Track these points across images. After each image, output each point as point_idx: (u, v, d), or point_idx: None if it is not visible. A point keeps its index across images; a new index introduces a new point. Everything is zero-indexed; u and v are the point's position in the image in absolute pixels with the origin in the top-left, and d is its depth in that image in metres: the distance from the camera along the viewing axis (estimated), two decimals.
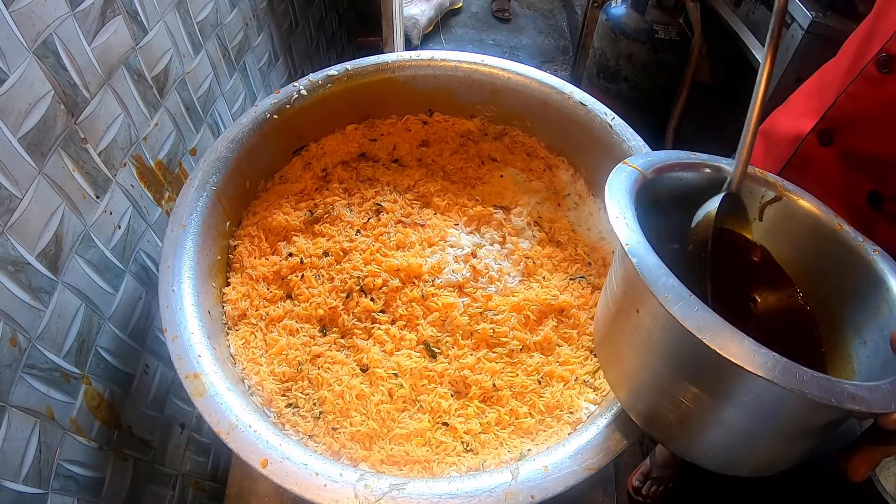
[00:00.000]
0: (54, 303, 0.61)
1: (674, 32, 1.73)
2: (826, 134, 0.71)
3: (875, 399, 0.38)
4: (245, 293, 0.77)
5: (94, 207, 0.67)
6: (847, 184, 0.69)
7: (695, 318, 0.40)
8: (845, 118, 0.70)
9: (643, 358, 0.50)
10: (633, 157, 0.57)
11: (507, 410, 0.67)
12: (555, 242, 0.83)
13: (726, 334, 0.39)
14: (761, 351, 0.38)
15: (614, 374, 0.57)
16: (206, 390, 0.59)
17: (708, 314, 0.40)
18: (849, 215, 0.62)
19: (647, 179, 0.55)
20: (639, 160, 0.56)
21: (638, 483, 1.43)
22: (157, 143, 0.81)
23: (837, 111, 0.70)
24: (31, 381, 0.58)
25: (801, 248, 0.59)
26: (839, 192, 0.70)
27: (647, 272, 0.43)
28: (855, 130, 0.69)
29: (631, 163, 0.55)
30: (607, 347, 0.57)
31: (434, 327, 0.73)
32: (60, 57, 0.61)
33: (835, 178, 0.70)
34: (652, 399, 0.52)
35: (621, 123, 0.82)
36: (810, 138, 0.73)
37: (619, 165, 0.55)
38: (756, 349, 0.38)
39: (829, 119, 0.71)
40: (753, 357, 0.38)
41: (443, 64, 0.94)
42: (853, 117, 0.69)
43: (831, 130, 0.71)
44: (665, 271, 0.43)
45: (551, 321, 0.74)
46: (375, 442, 0.65)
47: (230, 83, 1.04)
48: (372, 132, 0.97)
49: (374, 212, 0.85)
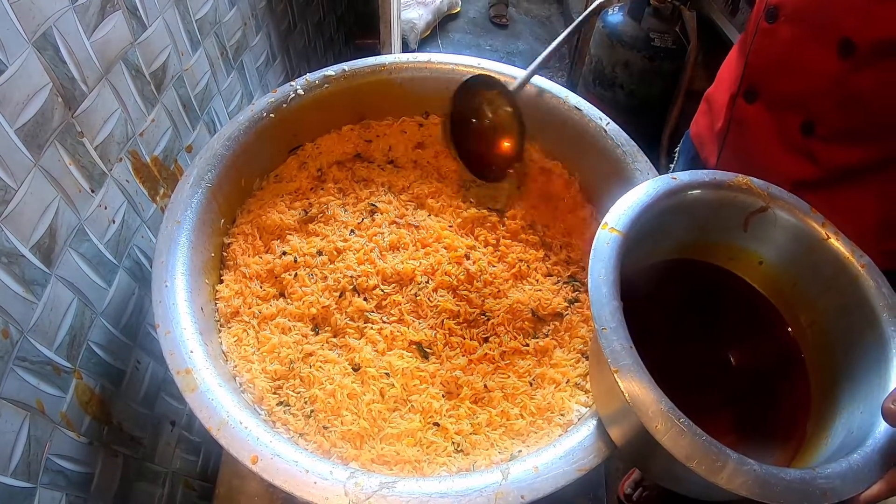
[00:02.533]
0: (47, 296, 0.61)
1: (670, 41, 1.74)
2: (750, 92, 0.78)
3: (846, 486, 0.41)
4: (238, 291, 0.77)
5: (89, 201, 0.67)
6: (781, 127, 0.74)
7: (682, 446, 0.43)
8: (759, 73, 0.77)
9: (616, 410, 0.53)
10: (611, 220, 0.55)
11: (499, 412, 0.67)
12: (548, 246, 0.84)
13: (713, 460, 0.42)
14: (744, 468, 0.41)
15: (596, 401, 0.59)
16: (198, 386, 0.59)
17: (696, 439, 0.43)
18: (792, 154, 0.72)
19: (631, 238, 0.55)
20: (619, 222, 0.55)
21: (629, 490, 1.43)
22: (153, 139, 0.81)
23: (751, 69, 0.77)
24: (21, 374, 0.58)
25: (787, 257, 0.59)
26: (777, 136, 0.75)
27: (635, 397, 0.45)
28: (770, 80, 0.75)
29: (611, 227, 0.55)
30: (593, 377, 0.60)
31: (426, 328, 0.73)
32: (59, 50, 0.61)
33: (770, 126, 0.76)
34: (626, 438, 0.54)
35: (616, 128, 0.83)
36: (739, 102, 0.80)
37: (599, 233, 0.55)
38: (740, 467, 0.41)
39: (748, 78, 0.78)
40: (735, 477, 0.41)
41: (439, 67, 0.94)
42: (764, 69, 0.76)
43: (753, 87, 0.78)
44: (656, 396, 0.45)
45: (543, 324, 0.75)
46: (366, 441, 0.65)
47: (227, 81, 1.04)
48: (368, 133, 0.97)
49: (369, 212, 0.85)
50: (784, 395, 0.58)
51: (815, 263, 0.57)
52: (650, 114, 1.90)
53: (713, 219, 0.59)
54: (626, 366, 0.46)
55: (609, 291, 0.50)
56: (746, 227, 0.59)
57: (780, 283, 0.60)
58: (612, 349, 0.47)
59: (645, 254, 0.59)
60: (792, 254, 0.59)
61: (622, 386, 0.45)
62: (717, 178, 0.58)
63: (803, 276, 0.58)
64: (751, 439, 0.55)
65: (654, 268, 0.63)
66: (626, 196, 0.57)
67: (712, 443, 0.43)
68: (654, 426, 0.44)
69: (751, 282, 0.62)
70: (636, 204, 0.56)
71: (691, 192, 0.58)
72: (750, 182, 0.58)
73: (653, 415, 0.44)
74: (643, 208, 0.56)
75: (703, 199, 0.59)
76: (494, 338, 0.73)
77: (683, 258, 0.63)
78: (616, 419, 0.55)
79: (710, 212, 0.59)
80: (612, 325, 0.48)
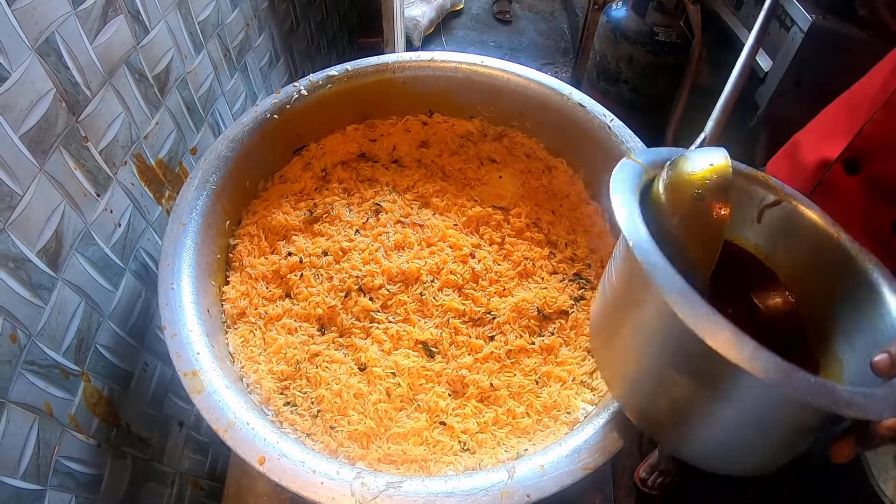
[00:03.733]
0: (54, 300, 0.61)
1: (674, 35, 1.73)
2: (852, 163, 0.71)
3: (870, 406, 0.39)
4: (244, 292, 0.77)
5: (94, 205, 0.68)
6: (871, 212, 0.69)
7: (701, 320, 0.40)
8: (871, 147, 0.69)
9: (642, 354, 0.51)
10: (637, 152, 0.57)
11: (505, 410, 0.67)
12: (553, 244, 0.83)
13: (730, 337, 0.39)
14: (763, 355, 0.38)
15: (611, 370, 0.57)
16: (205, 388, 0.59)
17: (714, 317, 0.40)
18: (871, 242, 0.61)
19: (650, 175, 0.55)
20: (642, 156, 0.56)
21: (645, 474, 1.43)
22: (157, 142, 0.81)
23: (863, 140, 0.69)
24: (30, 378, 0.58)
25: (798, 253, 0.59)
26: (863, 219, 0.69)
27: (652, 270, 0.43)
28: (880, 160, 0.68)
29: (635, 157, 0.55)
30: (605, 343, 0.58)
31: (432, 327, 0.73)
32: (62, 55, 0.61)
33: (859, 207, 0.70)
34: (648, 395, 0.52)
35: (620, 125, 0.83)
36: (836, 167, 0.72)
37: (623, 161, 0.55)
38: (758, 352, 0.38)
39: (855, 148, 0.70)
40: (755, 360, 0.38)
41: (442, 65, 0.94)
42: (879, 146, 0.68)
43: (857, 160, 0.70)
44: (671, 272, 0.43)
45: (549, 322, 0.75)
46: (373, 441, 0.65)
47: (231, 83, 1.04)
48: (372, 132, 0.97)
49: (374, 212, 0.85)
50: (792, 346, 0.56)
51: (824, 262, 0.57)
52: (654, 109, 1.89)
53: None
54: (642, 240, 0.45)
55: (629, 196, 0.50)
56: (760, 218, 0.59)
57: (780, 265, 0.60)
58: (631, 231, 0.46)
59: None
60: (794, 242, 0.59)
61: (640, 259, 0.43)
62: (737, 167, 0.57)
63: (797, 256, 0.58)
64: None
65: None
66: (654, 149, 0.57)
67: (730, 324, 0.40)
68: (672, 297, 0.41)
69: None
70: (661, 153, 0.56)
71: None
72: (766, 177, 0.58)
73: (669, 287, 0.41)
74: (665, 156, 0.56)
75: None
76: (500, 336, 0.73)
77: None
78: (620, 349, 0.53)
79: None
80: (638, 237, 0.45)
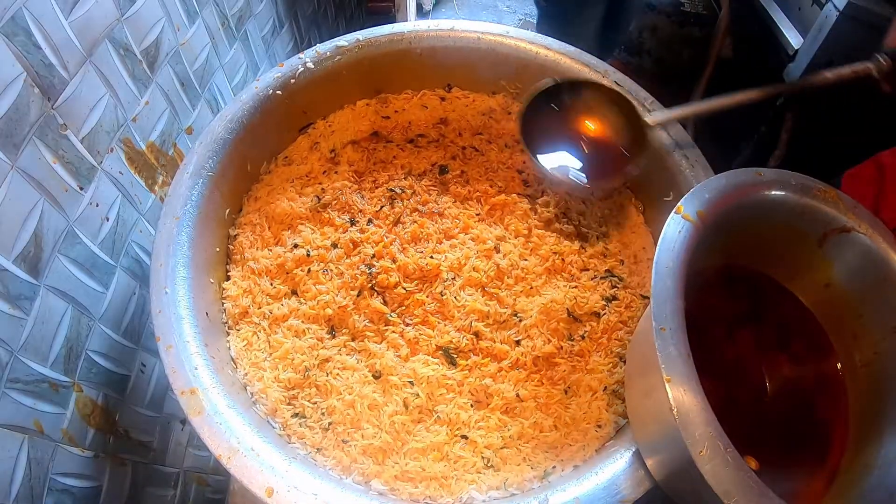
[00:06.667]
0: (36, 309, 0.57)
1: (700, 6, 1.66)
2: None
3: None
4: (246, 288, 0.72)
5: (77, 200, 0.62)
6: None
7: (723, 479, 0.40)
8: None
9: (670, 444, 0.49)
10: (687, 204, 0.52)
11: (531, 423, 0.63)
12: (584, 237, 0.77)
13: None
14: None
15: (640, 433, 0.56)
16: (205, 408, 0.55)
17: (740, 474, 0.40)
18: None
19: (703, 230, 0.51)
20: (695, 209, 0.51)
21: None
22: (148, 124, 0.75)
23: None
24: (15, 397, 0.54)
25: (859, 286, 0.55)
26: None
27: (684, 413, 0.42)
28: None
29: (685, 211, 0.51)
30: (636, 413, 0.57)
31: (453, 331, 0.68)
32: (32, 34, 0.54)
33: None
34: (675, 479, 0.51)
35: (659, 107, 0.77)
36: None
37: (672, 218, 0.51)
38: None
39: None
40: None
41: (464, 35, 0.86)
42: None
43: None
44: (706, 417, 0.42)
45: (579, 325, 0.69)
46: (389, 456, 0.62)
47: (230, 54, 0.97)
48: (385, 108, 0.90)
49: (388, 199, 0.78)
50: (820, 426, 0.55)
51: (889, 299, 0.52)
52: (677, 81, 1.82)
53: (790, 226, 0.54)
54: (680, 375, 0.43)
55: (674, 287, 0.47)
56: (823, 243, 0.55)
57: (843, 311, 0.56)
58: (668, 354, 0.44)
59: (709, 250, 0.55)
60: (865, 283, 0.54)
61: (672, 396, 0.42)
62: (805, 183, 0.53)
63: (872, 309, 0.54)
64: (781, 463, 0.52)
65: (711, 269, 0.57)
66: (706, 183, 0.54)
67: (756, 482, 0.40)
68: (699, 451, 0.41)
69: (810, 305, 0.58)
70: (716, 193, 0.52)
71: (775, 191, 0.54)
72: (838, 196, 0.53)
73: (700, 437, 0.41)
74: (722, 198, 0.52)
75: (785, 201, 0.54)
76: (527, 341, 0.67)
77: (742, 265, 0.57)
78: (652, 431, 0.52)
79: (789, 217, 0.54)
80: (671, 325, 0.45)
